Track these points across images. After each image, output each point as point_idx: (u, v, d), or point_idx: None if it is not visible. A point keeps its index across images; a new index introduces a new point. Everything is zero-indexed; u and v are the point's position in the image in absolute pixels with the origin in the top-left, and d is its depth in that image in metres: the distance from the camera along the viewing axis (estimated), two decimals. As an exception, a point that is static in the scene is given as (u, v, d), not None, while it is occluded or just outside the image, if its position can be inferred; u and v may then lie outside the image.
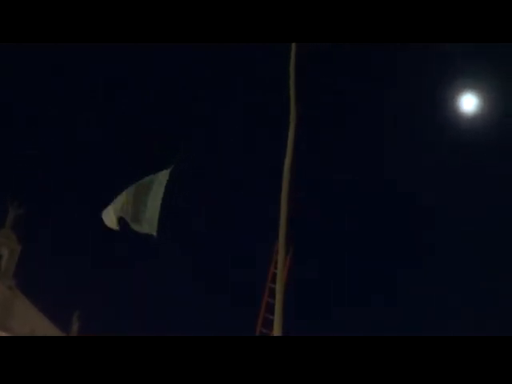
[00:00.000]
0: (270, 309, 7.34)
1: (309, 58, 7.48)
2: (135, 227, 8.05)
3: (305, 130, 6.95)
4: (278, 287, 5.90)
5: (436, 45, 11.82)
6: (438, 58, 13.10)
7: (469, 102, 13.43)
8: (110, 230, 8.26)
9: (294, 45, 7.25)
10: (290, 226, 6.16)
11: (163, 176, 8.13)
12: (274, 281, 6.76)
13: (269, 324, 8.16)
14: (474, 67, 13.33)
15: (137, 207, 7.99)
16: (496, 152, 13.58)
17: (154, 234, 7.97)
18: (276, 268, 6.40)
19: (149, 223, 7.96)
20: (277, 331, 5.60)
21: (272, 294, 6.79)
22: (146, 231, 8.01)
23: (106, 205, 8.26)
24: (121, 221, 8.17)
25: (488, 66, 13.14)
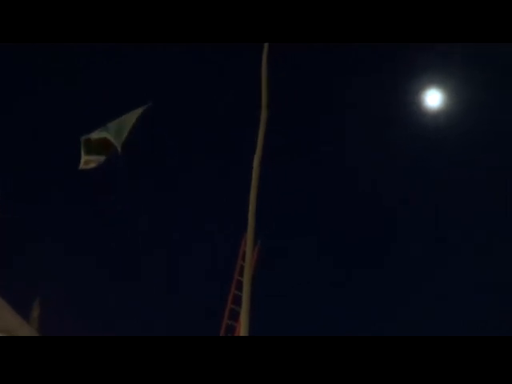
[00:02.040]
0: (238, 301, 7.29)
1: (283, 59, 7.43)
2: (103, 134, 7.91)
3: (275, 127, 6.98)
4: (246, 279, 5.87)
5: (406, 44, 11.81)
6: (403, 54, 13.11)
7: (433, 98, 13.41)
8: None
9: (266, 45, 7.20)
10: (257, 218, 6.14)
11: (141, 108, 8.22)
12: (241, 273, 6.74)
13: (235, 316, 8.19)
14: (440, 62, 13.41)
15: (112, 122, 7.99)
16: (461, 148, 13.59)
17: (119, 148, 7.82)
18: (243, 260, 6.42)
19: (116, 135, 7.85)
20: (243, 322, 5.63)
21: (240, 287, 6.69)
22: (111, 140, 7.86)
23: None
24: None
25: (454, 60, 13.22)
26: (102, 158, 8.02)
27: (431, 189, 14.02)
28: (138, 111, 8.21)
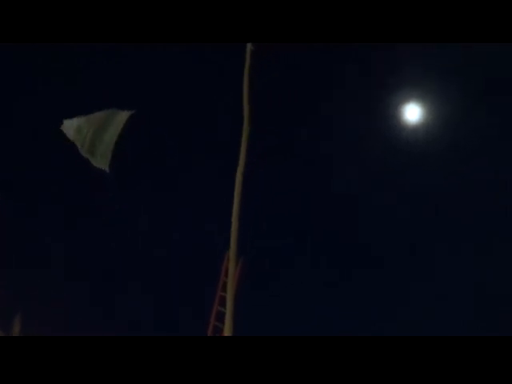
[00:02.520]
0: (221, 317, 7.27)
1: (267, 60, 7.37)
2: (89, 157, 8.08)
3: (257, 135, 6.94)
4: (229, 296, 5.94)
5: (381, 51, 11.86)
6: (383, 67, 13.20)
7: (412, 112, 13.57)
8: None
9: (249, 45, 7.21)
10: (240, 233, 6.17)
11: (123, 116, 8.20)
12: (224, 289, 6.69)
13: (219, 332, 8.14)
14: (419, 77, 13.53)
15: (93, 141, 8.07)
16: (438, 162, 13.70)
17: (107, 169, 7.98)
18: (227, 276, 6.38)
19: (102, 157, 7.99)
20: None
21: (223, 303, 6.69)
22: (99, 165, 8.02)
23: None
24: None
25: (433, 75, 13.35)
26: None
27: (428, 187, 14.08)
28: (119, 121, 8.19)
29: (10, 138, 12.73)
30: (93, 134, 8.06)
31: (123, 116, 8.15)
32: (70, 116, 8.40)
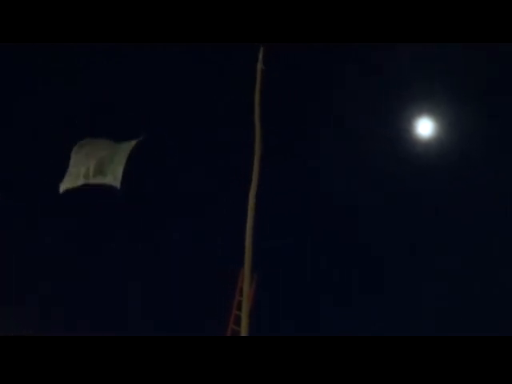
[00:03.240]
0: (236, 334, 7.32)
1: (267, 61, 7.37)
2: (98, 180, 8.13)
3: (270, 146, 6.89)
4: (243, 315, 6.03)
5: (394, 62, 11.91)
6: (395, 82, 13.26)
7: (425, 127, 13.63)
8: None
9: (260, 65, 7.35)
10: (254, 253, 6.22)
11: (130, 144, 8.28)
12: (239, 308, 6.72)
13: None
14: (431, 91, 13.57)
15: (101, 163, 8.11)
16: (450, 177, 13.74)
17: (118, 185, 8.05)
18: (241, 296, 6.43)
19: (113, 174, 8.05)
20: None
21: (238, 321, 6.71)
22: (110, 182, 8.08)
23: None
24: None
25: (444, 90, 13.40)
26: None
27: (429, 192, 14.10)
28: (130, 145, 8.26)
29: (10, 138, 12.73)
30: (98, 164, 8.10)
31: (130, 144, 8.24)
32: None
